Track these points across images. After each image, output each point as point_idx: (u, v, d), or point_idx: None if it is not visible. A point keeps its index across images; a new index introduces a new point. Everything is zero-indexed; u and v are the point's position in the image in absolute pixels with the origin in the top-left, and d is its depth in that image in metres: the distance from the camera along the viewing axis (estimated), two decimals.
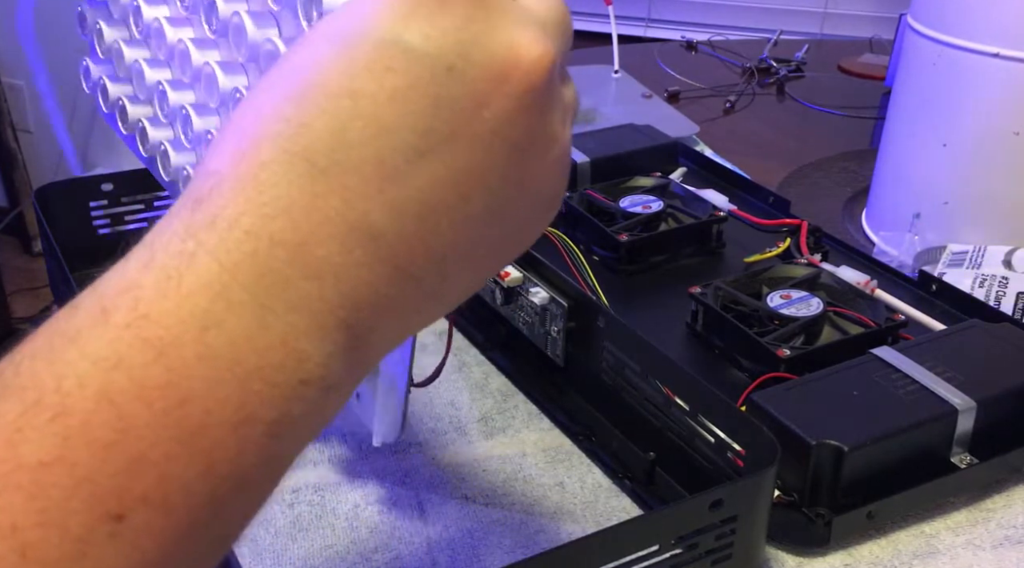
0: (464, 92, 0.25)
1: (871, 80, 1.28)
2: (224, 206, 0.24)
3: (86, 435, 0.21)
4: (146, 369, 0.22)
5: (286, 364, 0.24)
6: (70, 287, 0.62)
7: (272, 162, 0.25)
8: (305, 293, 0.24)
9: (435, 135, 0.25)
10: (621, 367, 0.57)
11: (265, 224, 0.24)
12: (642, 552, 0.43)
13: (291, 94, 0.25)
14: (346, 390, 0.26)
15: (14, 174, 2.35)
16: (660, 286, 0.70)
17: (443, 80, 0.25)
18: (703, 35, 1.45)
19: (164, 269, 0.24)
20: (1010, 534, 0.52)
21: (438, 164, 0.26)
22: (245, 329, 0.23)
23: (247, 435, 0.23)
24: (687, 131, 1.04)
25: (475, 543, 0.51)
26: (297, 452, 0.25)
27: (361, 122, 0.25)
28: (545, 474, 0.56)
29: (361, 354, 0.26)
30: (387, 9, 0.25)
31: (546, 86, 0.27)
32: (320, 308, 0.24)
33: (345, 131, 0.25)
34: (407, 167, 0.25)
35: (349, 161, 0.25)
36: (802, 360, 0.58)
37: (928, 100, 0.79)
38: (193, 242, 0.24)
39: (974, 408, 0.53)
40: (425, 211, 0.26)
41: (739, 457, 0.49)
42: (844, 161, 1.03)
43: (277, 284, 0.24)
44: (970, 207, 0.78)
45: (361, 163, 0.25)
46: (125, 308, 0.23)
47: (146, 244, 0.25)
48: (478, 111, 0.26)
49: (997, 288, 0.69)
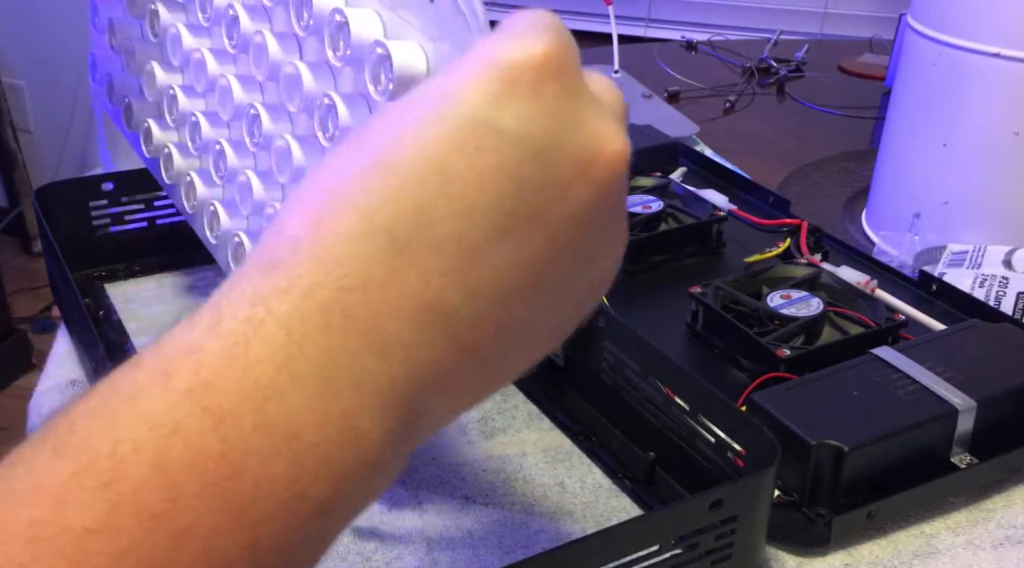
0: (549, 177, 0.26)
1: (871, 80, 1.28)
2: (300, 275, 0.24)
3: (136, 503, 0.21)
4: (203, 438, 0.22)
5: (343, 442, 0.23)
6: (70, 287, 0.62)
7: (353, 233, 0.24)
8: (371, 369, 0.24)
9: (517, 217, 0.26)
10: (621, 367, 0.57)
11: (340, 297, 0.24)
12: (642, 552, 0.43)
13: (376, 165, 0.25)
14: (394, 471, 0.26)
15: (14, 174, 2.35)
16: (660, 286, 0.70)
17: (530, 164, 0.26)
18: (703, 35, 1.45)
19: (231, 335, 0.23)
20: (1010, 534, 0.52)
21: (517, 246, 0.26)
22: (306, 402, 0.23)
23: (296, 511, 0.23)
24: (687, 131, 1.04)
25: (475, 543, 0.51)
26: (341, 530, 0.25)
27: (447, 200, 0.25)
28: (545, 474, 0.56)
29: (413, 433, 0.26)
30: (479, 88, 0.26)
31: (623, 176, 0.28)
32: (384, 386, 0.24)
33: (430, 208, 0.25)
34: (487, 247, 0.25)
35: (431, 238, 0.25)
36: (802, 360, 0.58)
37: (928, 100, 0.79)
38: (263, 308, 0.24)
39: (974, 408, 0.53)
40: (499, 291, 0.26)
41: (739, 457, 0.49)
42: (844, 161, 1.03)
43: (344, 358, 0.24)
44: (970, 207, 0.78)
45: (443, 241, 0.25)
46: (187, 371, 0.23)
47: (213, 305, 0.24)
48: (560, 196, 0.26)
49: (997, 288, 0.69)
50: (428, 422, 0.26)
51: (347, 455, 0.24)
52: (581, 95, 0.27)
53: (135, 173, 0.73)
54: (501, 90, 0.25)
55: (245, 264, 0.25)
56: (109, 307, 0.70)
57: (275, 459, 0.22)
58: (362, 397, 0.24)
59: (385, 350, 0.24)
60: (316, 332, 0.23)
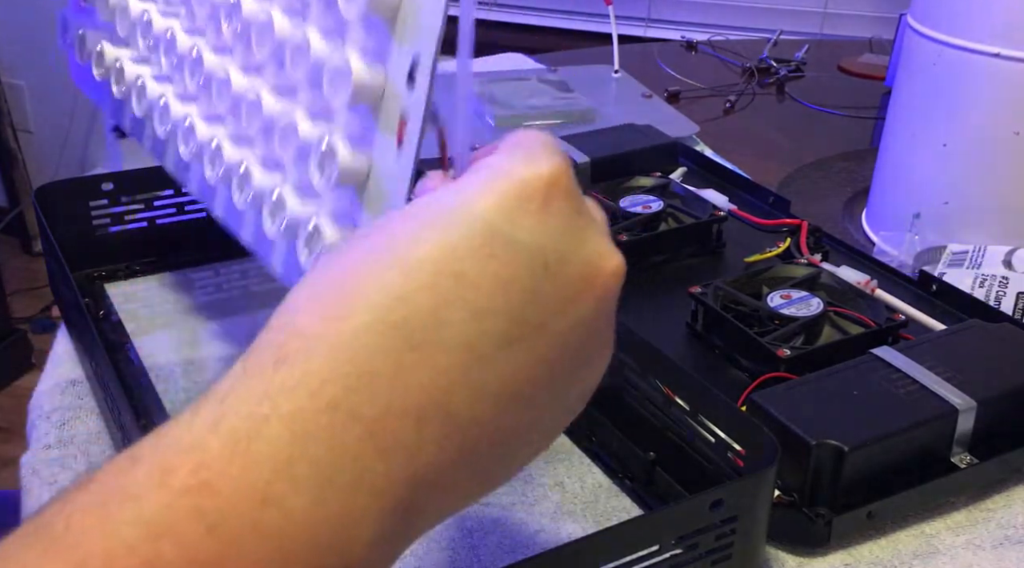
0: (556, 289, 0.27)
1: (871, 80, 1.28)
2: (308, 372, 0.24)
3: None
4: (198, 542, 0.22)
5: (333, 546, 0.24)
6: (70, 287, 0.62)
7: (366, 331, 0.25)
8: (372, 470, 0.24)
9: (527, 326, 0.26)
10: (621, 367, 0.57)
11: (347, 396, 0.24)
12: (642, 552, 0.43)
13: (392, 263, 0.26)
14: (391, 562, 0.26)
15: (14, 174, 2.35)
16: (660, 286, 0.70)
17: (540, 275, 0.27)
18: (703, 35, 1.45)
19: (233, 433, 0.23)
20: (1010, 534, 0.52)
21: (523, 353, 0.27)
22: (303, 508, 0.23)
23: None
24: (687, 131, 1.04)
25: (475, 543, 0.51)
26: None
27: (461, 303, 0.25)
28: (545, 474, 0.56)
29: (403, 534, 0.26)
30: (495, 200, 0.27)
31: (618, 292, 0.29)
32: (383, 487, 0.24)
33: (444, 309, 0.25)
34: (495, 352, 0.26)
35: (442, 340, 0.25)
36: (802, 360, 0.58)
37: (928, 100, 0.79)
38: (268, 405, 0.24)
39: (974, 408, 0.53)
40: (502, 396, 0.26)
41: (739, 457, 0.49)
42: (844, 161, 1.03)
43: (345, 460, 0.24)
44: (970, 207, 0.78)
45: (454, 343, 0.25)
46: (185, 471, 0.23)
47: (217, 398, 0.24)
48: (566, 308, 0.27)
49: (997, 288, 0.69)
50: (420, 522, 0.27)
51: (335, 561, 0.24)
52: (584, 214, 0.29)
53: (135, 173, 0.73)
54: (516, 204, 0.27)
55: (251, 354, 0.26)
56: (109, 307, 0.70)
57: (267, 563, 0.23)
58: (358, 499, 0.24)
59: (387, 450, 0.24)
60: (320, 433, 0.24)
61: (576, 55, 1.33)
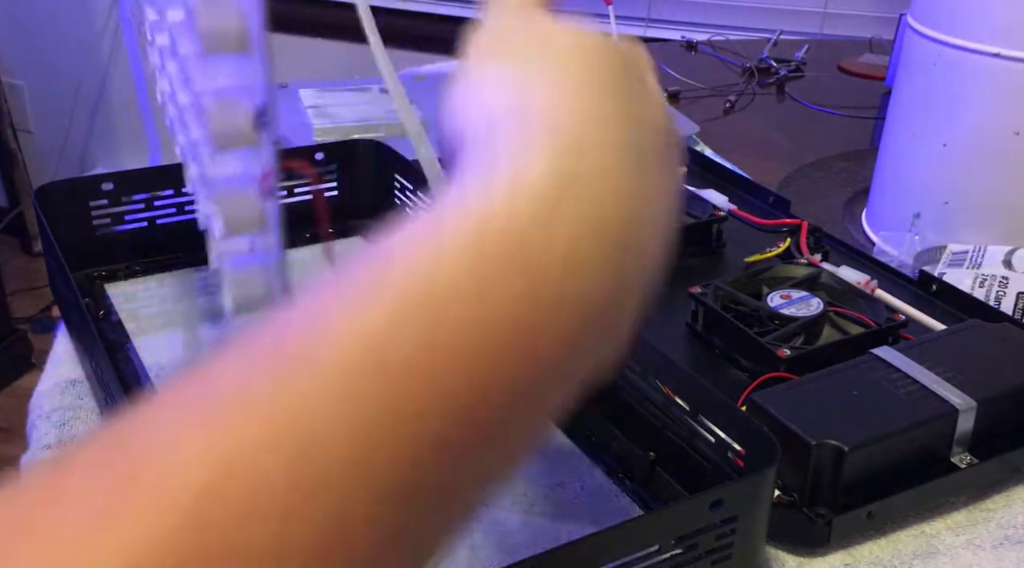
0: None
1: (871, 80, 1.28)
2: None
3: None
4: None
5: None
6: (70, 287, 0.62)
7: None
8: None
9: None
10: (621, 367, 0.57)
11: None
12: (642, 552, 0.43)
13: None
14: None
15: (14, 174, 2.35)
16: (660, 286, 0.70)
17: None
18: (703, 35, 1.45)
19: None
20: (1010, 534, 0.52)
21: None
22: None
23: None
24: (687, 131, 1.04)
25: (475, 543, 0.51)
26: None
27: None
28: (545, 474, 0.56)
29: None
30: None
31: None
32: None
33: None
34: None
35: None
36: (802, 360, 0.58)
37: (928, 100, 0.79)
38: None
39: (974, 408, 0.53)
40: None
41: (739, 457, 0.49)
42: (844, 161, 1.03)
43: None
44: (970, 207, 0.78)
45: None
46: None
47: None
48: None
49: (997, 288, 0.69)
50: None
51: None
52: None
53: (135, 173, 0.73)
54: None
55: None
56: (109, 307, 0.70)
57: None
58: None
59: None
60: None
61: None
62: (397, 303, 0.22)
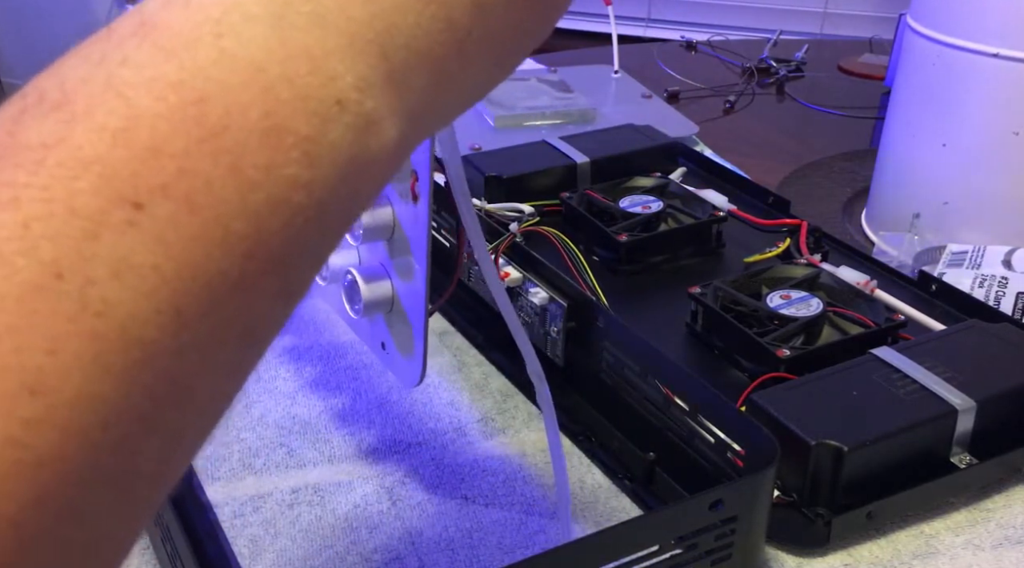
0: None
1: (871, 80, 1.28)
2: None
3: (91, 121, 0.20)
4: (156, 67, 0.20)
5: (313, 78, 0.21)
6: None
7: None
8: (328, 8, 0.22)
9: None
10: (621, 367, 0.57)
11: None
12: (642, 552, 0.43)
13: None
14: (391, 138, 0.23)
15: None
16: (660, 286, 0.70)
17: None
18: (703, 35, 1.45)
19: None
20: (1010, 534, 0.52)
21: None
22: (264, 39, 0.21)
23: (277, 145, 0.21)
24: (687, 131, 1.04)
25: (475, 543, 0.51)
26: (338, 208, 0.23)
27: None
28: (545, 474, 0.56)
29: (403, 95, 0.24)
30: None
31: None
32: (347, 26, 0.22)
33: None
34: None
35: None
36: (802, 360, 0.58)
37: (928, 100, 0.79)
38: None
39: (974, 408, 0.53)
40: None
41: (739, 457, 0.49)
42: (844, 161, 1.03)
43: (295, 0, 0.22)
44: (970, 207, 0.78)
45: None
46: (130, 23, 0.22)
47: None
48: None
49: (997, 288, 0.69)
50: (418, 86, 0.24)
51: (322, 93, 0.21)
52: None
53: None
54: None
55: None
56: None
57: (242, 89, 0.21)
58: (324, 35, 0.22)
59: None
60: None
61: (576, 55, 1.33)
62: None
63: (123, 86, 0.20)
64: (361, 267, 0.51)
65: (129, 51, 0.21)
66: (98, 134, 0.20)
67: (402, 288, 0.49)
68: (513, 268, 0.63)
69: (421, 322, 0.48)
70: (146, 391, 0.20)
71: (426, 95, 0.24)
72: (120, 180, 0.19)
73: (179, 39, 0.21)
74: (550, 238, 0.71)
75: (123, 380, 0.19)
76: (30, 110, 0.20)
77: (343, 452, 0.58)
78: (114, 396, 0.19)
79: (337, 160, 0.22)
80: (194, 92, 0.20)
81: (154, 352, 0.20)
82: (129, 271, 0.19)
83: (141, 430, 0.20)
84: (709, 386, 0.51)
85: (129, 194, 0.19)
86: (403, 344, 0.50)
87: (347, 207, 0.23)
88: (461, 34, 0.24)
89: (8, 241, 0.18)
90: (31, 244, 0.18)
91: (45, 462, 0.18)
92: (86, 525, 0.19)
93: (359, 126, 0.22)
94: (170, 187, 0.20)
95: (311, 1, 0.22)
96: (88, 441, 0.19)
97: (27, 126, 0.20)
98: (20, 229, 0.18)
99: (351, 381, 0.64)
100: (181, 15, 0.21)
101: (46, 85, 0.21)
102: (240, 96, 0.21)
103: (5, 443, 0.18)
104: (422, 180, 0.44)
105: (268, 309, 0.22)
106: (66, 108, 0.20)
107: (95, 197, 0.19)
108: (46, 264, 0.18)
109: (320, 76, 0.22)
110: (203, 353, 0.21)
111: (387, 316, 0.51)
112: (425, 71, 0.24)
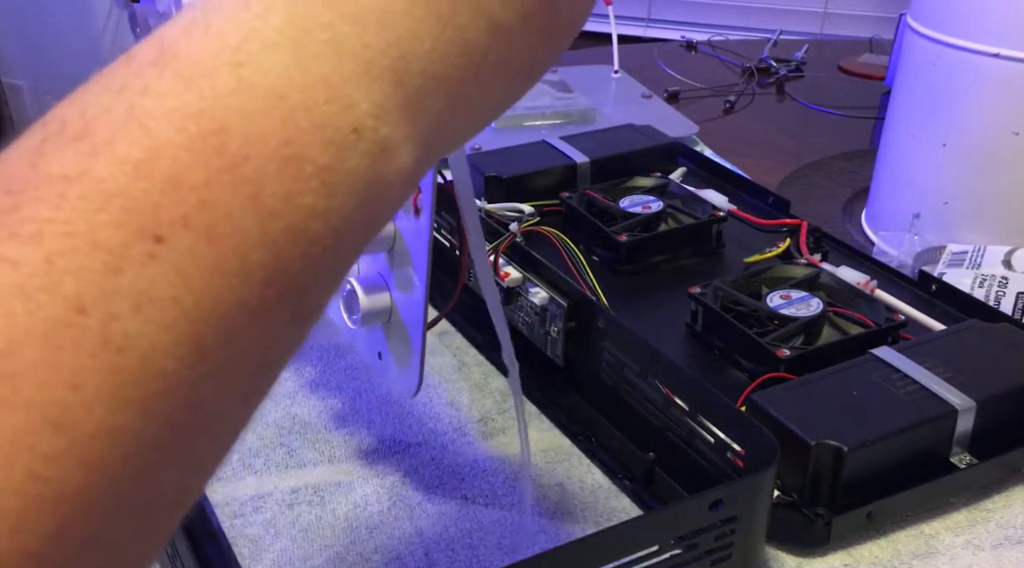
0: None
1: (871, 80, 1.28)
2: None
3: (113, 153, 0.20)
4: (177, 97, 0.21)
5: (331, 106, 0.22)
6: None
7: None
8: (345, 36, 0.22)
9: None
10: (621, 367, 0.57)
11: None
12: (642, 552, 0.43)
13: None
14: (405, 165, 0.24)
15: None
16: (660, 286, 0.70)
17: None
18: (703, 35, 1.46)
19: (188, 17, 0.22)
20: (1010, 534, 0.52)
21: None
22: (284, 66, 0.21)
23: (296, 175, 0.21)
24: (687, 131, 1.04)
25: (475, 543, 0.51)
26: (353, 236, 0.23)
27: None
28: (545, 474, 0.56)
29: (418, 120, 0.24)
30: None
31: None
32: (363, 54, 0.22)
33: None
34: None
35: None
36: (802, 360, 0.58)
37: (928, 100, 0.79)
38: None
39: (974, 408, 0.53)
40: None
41: (739, 457, 0.49)
42: (844, 161, 1.03)
43: (314, 27, 0.22)
44: (970, 207, 0.78)
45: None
46: (150, 50, 0.22)
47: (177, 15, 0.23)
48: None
49: (997, 288, 0.69)
50: (432, 108, 0.24)
51: (339, 121, 0.22)
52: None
53: None
54: None
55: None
56: None
57: (261, 118, 0.21)
58: (341, 63, 0.22)
59: (357, 18, 0.23)
60: (277, 4, 0.22)
61: (576, 55, 1.33)
62: None
63: (144, 116, 0.21)
64: (360, 277, 0.51)
65: (150, 80, 0.21)
66: (120, 166, 0.20)
67: (401, 299, 0.49)
68: (513, 268, 0.63)
69: (419, 333, 0.48)
70: (165, 422, 0.20)
71: (442, 118, 0.25)
72: (142, 213, 0.20)
73: (198, 67, 0.21)
74: (550, 238, 0.71)
75: (143, 412, 0.19)
76: (51, 139, 0.21)
77: (343, 452, 0.58)
78: (134, 428, 0.19)
79: (353, 188, 0.22)
80: (214, 122, 0.21)
81: (174, 383, 0.20)
82: (150, 304, 0.19)
83: (160, 460, 0.20)
84: (709, 386, 0.51)
85: (151, 227, 0.20)
86: (400, 355, 0.50)
87: (362, 232, 0.23)
88: (477, 58, 0.25)
89: (32, 277, 0.19)
90: (54, 280, 0.19)
91: (67, 496, 0.18)
92: (107, 555, 0.19)
93: (375, 153, 0.23)
94: (191, 219, 0.20)
95: (329, 29, 0.22)
96: (109, 474, 0.19)
97: (49, 157, 0.20)
98: (43, 265, 0.19)
99: (351, 381, 0.64)
100: (200, 42, 0.22)
101: (67, 114, 0.21)
102: (260, 125, 0.21)
103: (27, 478, 0.18)
104: (425, 194, 0.44)
105: (284, 335, 0.22)
106: (87, 139, 0.20)
107: (117, 230, 0.19)
108: (69, 299, 0.19)
109: (337, 104, 0.22)
110: (221, 381, 0.21)
111: (385, 327, 0.51)
112: (442, 94, 0.24)
